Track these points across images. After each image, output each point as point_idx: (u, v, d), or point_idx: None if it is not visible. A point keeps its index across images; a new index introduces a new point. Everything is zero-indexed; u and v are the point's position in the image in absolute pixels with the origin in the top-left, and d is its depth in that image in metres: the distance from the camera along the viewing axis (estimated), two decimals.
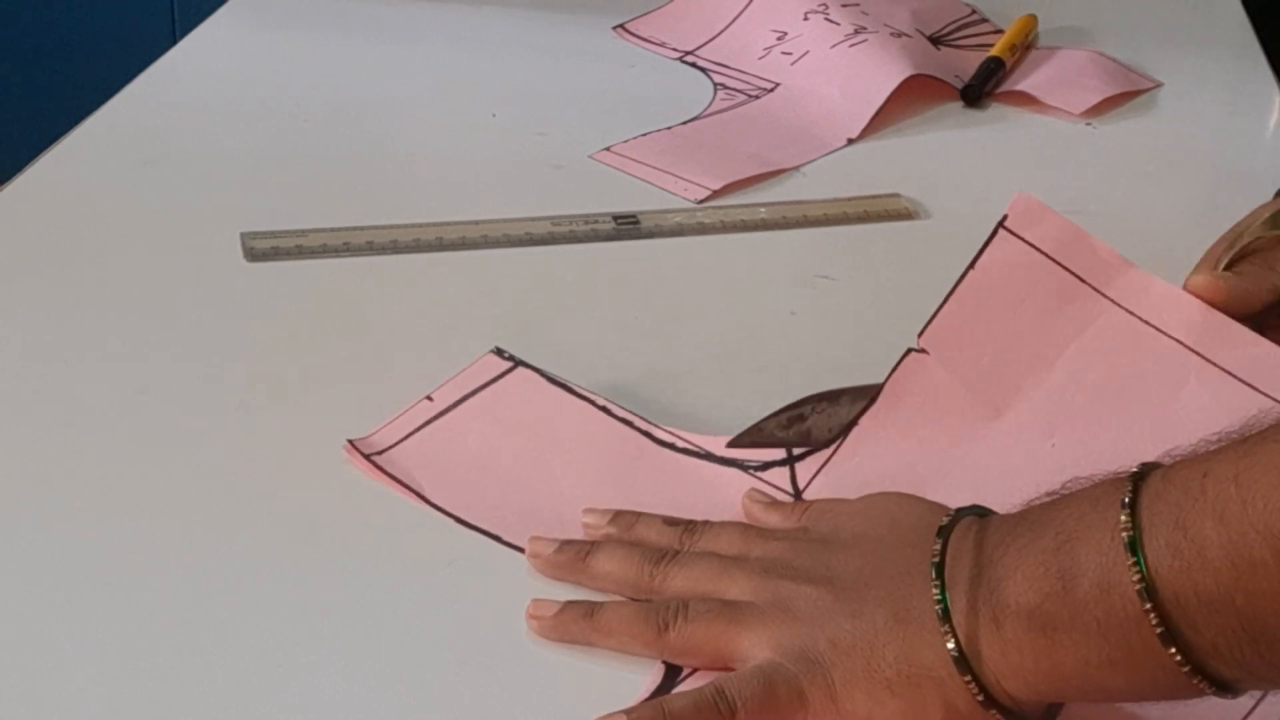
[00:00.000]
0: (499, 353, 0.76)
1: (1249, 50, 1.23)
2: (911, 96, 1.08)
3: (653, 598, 0.62)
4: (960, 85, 1.11)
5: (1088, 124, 1.09)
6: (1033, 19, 1.20)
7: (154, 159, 0.99)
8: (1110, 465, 0.63)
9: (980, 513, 0.59)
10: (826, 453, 0.70)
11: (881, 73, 1.09)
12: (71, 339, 0.79)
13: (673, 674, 0.60)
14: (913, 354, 0.71)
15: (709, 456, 0.71)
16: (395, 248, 0.89)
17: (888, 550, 0.60)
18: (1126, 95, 1.13)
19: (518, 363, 0.75)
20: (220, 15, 1.23)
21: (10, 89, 2.16)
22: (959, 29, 1.21)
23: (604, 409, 0.73)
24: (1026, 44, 1.18)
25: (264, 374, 0.77)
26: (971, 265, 0.71)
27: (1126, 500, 0.52)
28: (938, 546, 0.57)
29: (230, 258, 0.87)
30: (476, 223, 0.91)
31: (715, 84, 1.13)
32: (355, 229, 0.90)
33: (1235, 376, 0.66)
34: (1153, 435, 0.66)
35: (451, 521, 0.67)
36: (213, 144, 1.02)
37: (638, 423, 0.72)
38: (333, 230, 0.90)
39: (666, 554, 0.63)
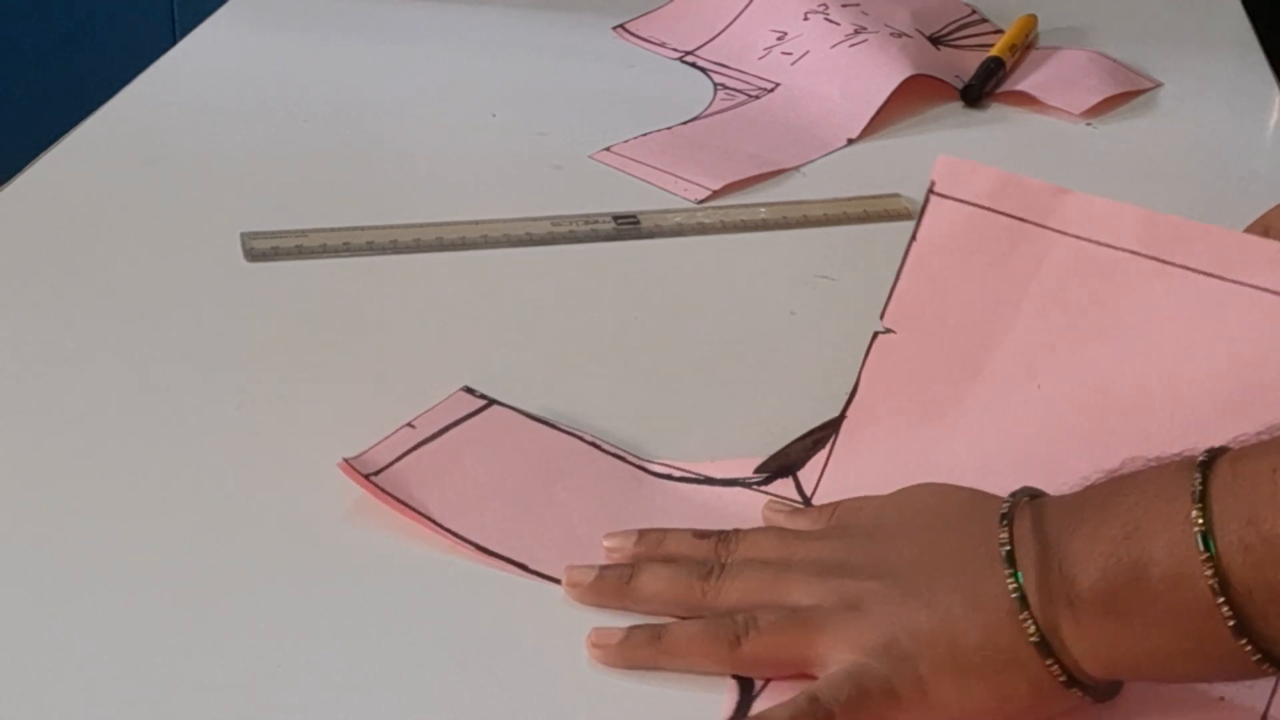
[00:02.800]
0: (469, 391, 0.74)
1: (1249, 50, 1.23)
2: (911, 96, 1.08)
3: (705, 614, 0.61)
4: (960, 85, 1.11)
5: (1088, 124, 1.09)
6: (1033, 19, 1.20)
7: (154, 159, 0.99)
8: (1098, 394, 0.64)
9: (1033, 493, 0.59)
10: (823, 454, 0.70)
11: (881, 73, 1.09)
12: (71, 339, 0.79)
13: (747, 690, 0.59)
14: (880, 336, 0.71)
15: (709, 480, 0.70)
16: (395, 248, 0.89)
17: (940, 538, 0.60)
18: (1126, 95, 1.13)
19: (490, 401, 0.74)
20: (220, 15, 1.23)
21: (10, 89, 2.16)
22: (959, 29, 1.21)
23: (593, 444, 0.72)
24: (1026, 44, 1.18)
25: (264, 374, 0.77)
26: (913, 238, 0.71)
27: (1196, 493, 0.53)
28: (1004, 535, 0.57)
29: (230, 258, 0.87)
30: (476, 223, 0.92)
31: (715, 84, 1.13)
32: (355, 229, 0.90)
33: (1195, 270, 0.66)
34: (1132, 350, 0.66)
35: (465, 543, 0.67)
36: (213, 144, 1.02)
37: (629, 458, 0.71)
38: (333, 230, 0.90)
39: (712, 567, 0.62)
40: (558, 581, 0.63)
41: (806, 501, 0.69)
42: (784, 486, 0.70)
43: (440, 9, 1.25)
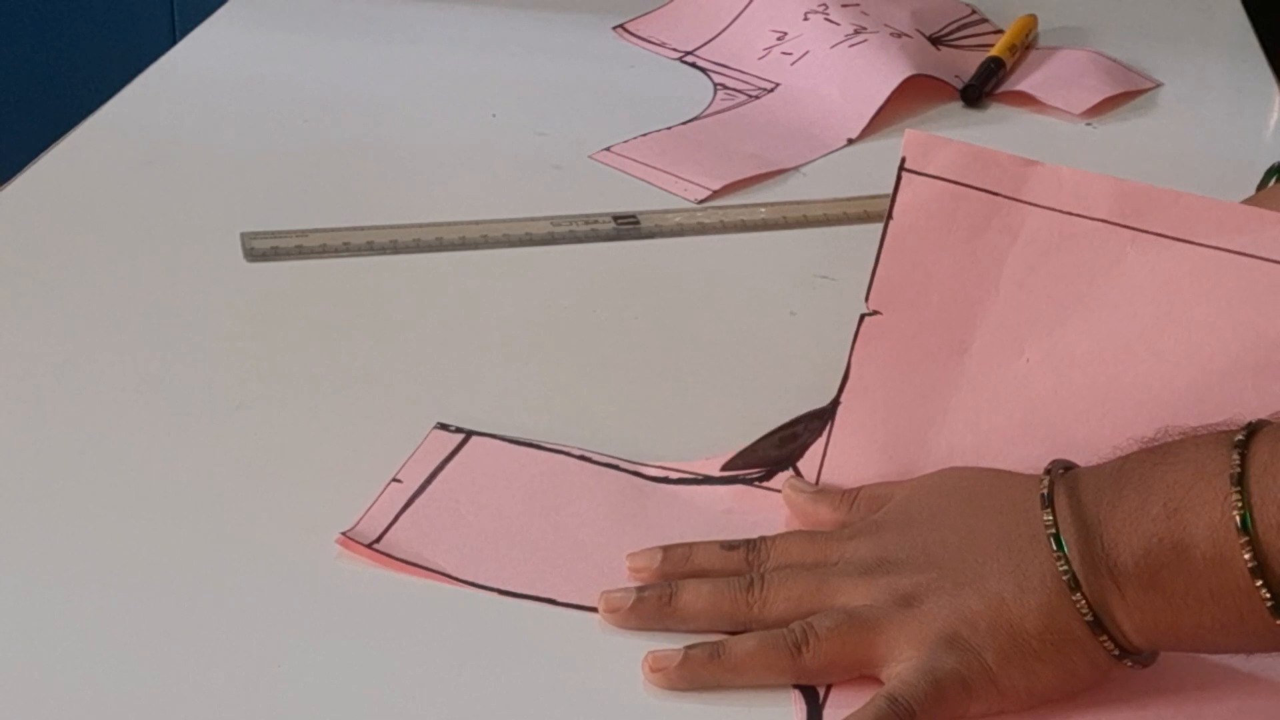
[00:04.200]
0: (444, 427, 0.72)
1: (1249, 50, 1.23)
2: (911, 96, 1.08)
3: (754, 626, 0.61)
4: (960, 85, 1.11)
5: (1088, 124, 1.09)
6: (1033, 19, 1.20)
7: (154, 159, 0.99)
8: (1085, 363, 0.66)
9: (1065, 465, 0.60)
10: (821, 443, 0.70)
11: (881, 73, 1.09)
12: (71, 339, 0.79)
13: (813, 699, 0.58)
14: (867, 319, 0.71)
15: (708, 480, 0.70)
16: (395, 248, 0.89)
17: (977, 522, 0.61)
18: (1126, 95, 1.13)
19: (468, 433, 0.72)
20: (220, 15, 1.23)
21: (10, 89, 2.16)
22: (959, 29, 1.21)
23: (582, 458, 0.70)
24: (1026, 44, 1.18)
25: (264, 374, 0.77)
26: (889, 217, 0.71)
27: (1235, 475, 0.54)
28: (1049, 518, 0.58)
29: (230, 258, 0.87)
30: (476, 223, 0.91)
31: (715, 84, 1.13)
32: (355, 229, 0.90)
33: (1168, 236, 0.67)
34: (1113, 318, 0.67)
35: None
36: (213, 144, 1.02)
37: (624, 465, 0.70)
38: (333, 230, 0.90)
39: (752, 579, 0.62)
40: (587, 609, 0.62)
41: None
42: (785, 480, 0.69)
43: (440, 9, 1.25)
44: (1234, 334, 0.65)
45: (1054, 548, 0.57)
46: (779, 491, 0.69)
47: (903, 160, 0.71)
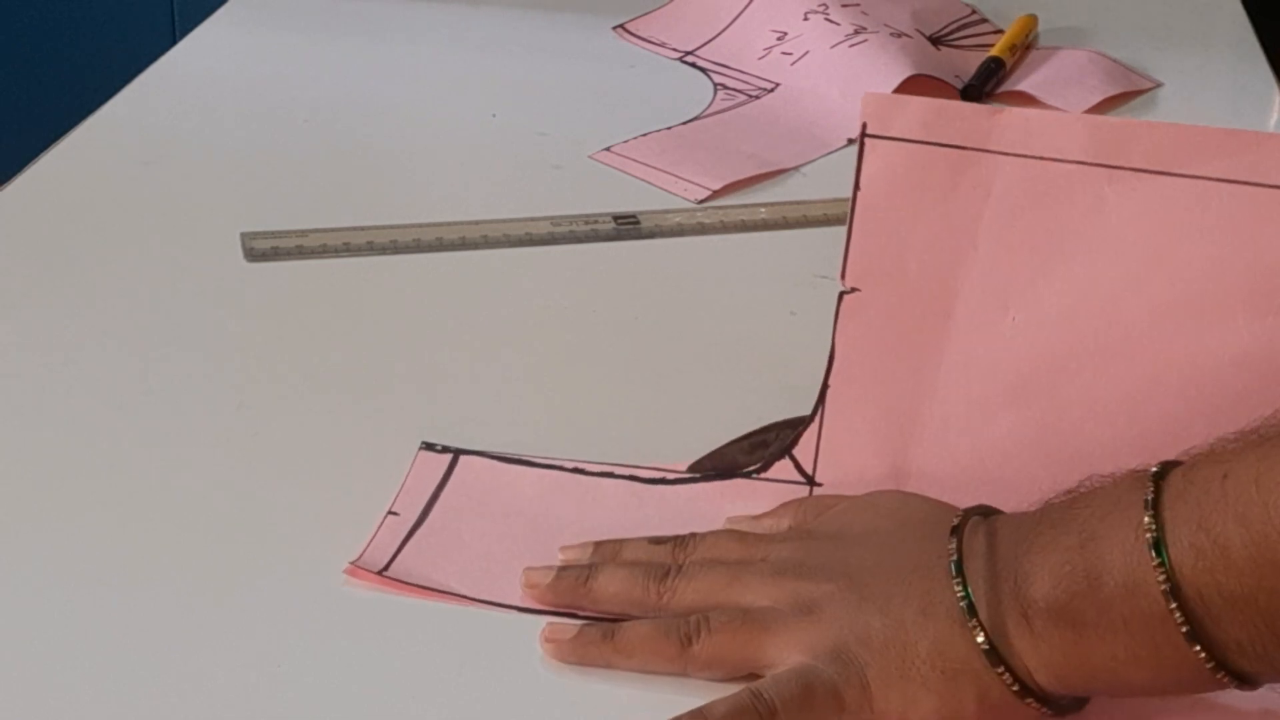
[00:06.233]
0: (429, 447, 0.70)
1: (1249, 50, 1.23)
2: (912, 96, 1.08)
3: (661, 614, 0.61)
4: (960, 85, 1.11)
5: None
6: (1033, 19, 1.20)
7: (154, 159, 0.99)
8: (1072, 314, 0.64)
9: (985, 512, 0.59)
10: (814, 428, 0.69)
11: (881, 73, 1.09)
12: (71, 339, 0.79)
13: None
14: (846, 296, 0.69)
15: (706, 476, 0.70)
16: (395, 248, 0.89)
17: (901, 545, 0.60)
18: (1126, 95, 1.13)
19: (455, 452, 0.70)
20: (220, 15, 1.23)
21: (10, 89, 2.16)
22: (959, 29, 1.21)
23: (576, 471, 0.70)
24: (1026, 44, 1.18)
25: (264, 374, 0.77)
26: (856, 186, 0.69)
27: (1149, 500, 0.52)
28: (952, 545, 0.57)
29: (230, 258, 0.87)
30: (476, 223, 0.92)
31: (715, 84, 1.13)
32: (355, 229, 0.90)
33: (1145, 170, 0.65)
34: (1097, 263, 0.66)
35: None
36: (213, 144, 1.02)
37: (618, 471, 0.70)
38: (333, 230, 0.90)
39: (669, 569, 0.62)
40: (610, 619, 0.62)
41: (809, 479, 0.69)
42: (784, 469, 0.69)
43: (440, 9, 1.25)
44: (1223, 267, 0.63)
45: (954, 575, 0.56)
46: (778, 482, 0.69)
47: (863, 126, 0.69)
